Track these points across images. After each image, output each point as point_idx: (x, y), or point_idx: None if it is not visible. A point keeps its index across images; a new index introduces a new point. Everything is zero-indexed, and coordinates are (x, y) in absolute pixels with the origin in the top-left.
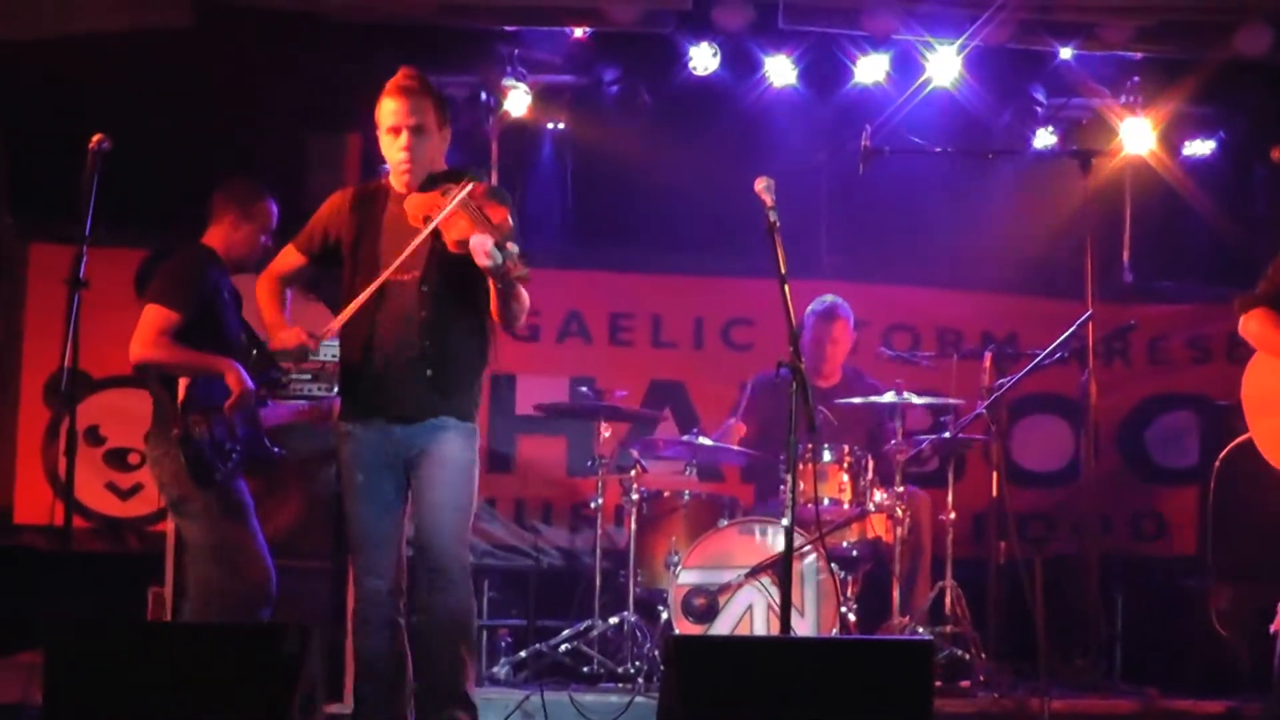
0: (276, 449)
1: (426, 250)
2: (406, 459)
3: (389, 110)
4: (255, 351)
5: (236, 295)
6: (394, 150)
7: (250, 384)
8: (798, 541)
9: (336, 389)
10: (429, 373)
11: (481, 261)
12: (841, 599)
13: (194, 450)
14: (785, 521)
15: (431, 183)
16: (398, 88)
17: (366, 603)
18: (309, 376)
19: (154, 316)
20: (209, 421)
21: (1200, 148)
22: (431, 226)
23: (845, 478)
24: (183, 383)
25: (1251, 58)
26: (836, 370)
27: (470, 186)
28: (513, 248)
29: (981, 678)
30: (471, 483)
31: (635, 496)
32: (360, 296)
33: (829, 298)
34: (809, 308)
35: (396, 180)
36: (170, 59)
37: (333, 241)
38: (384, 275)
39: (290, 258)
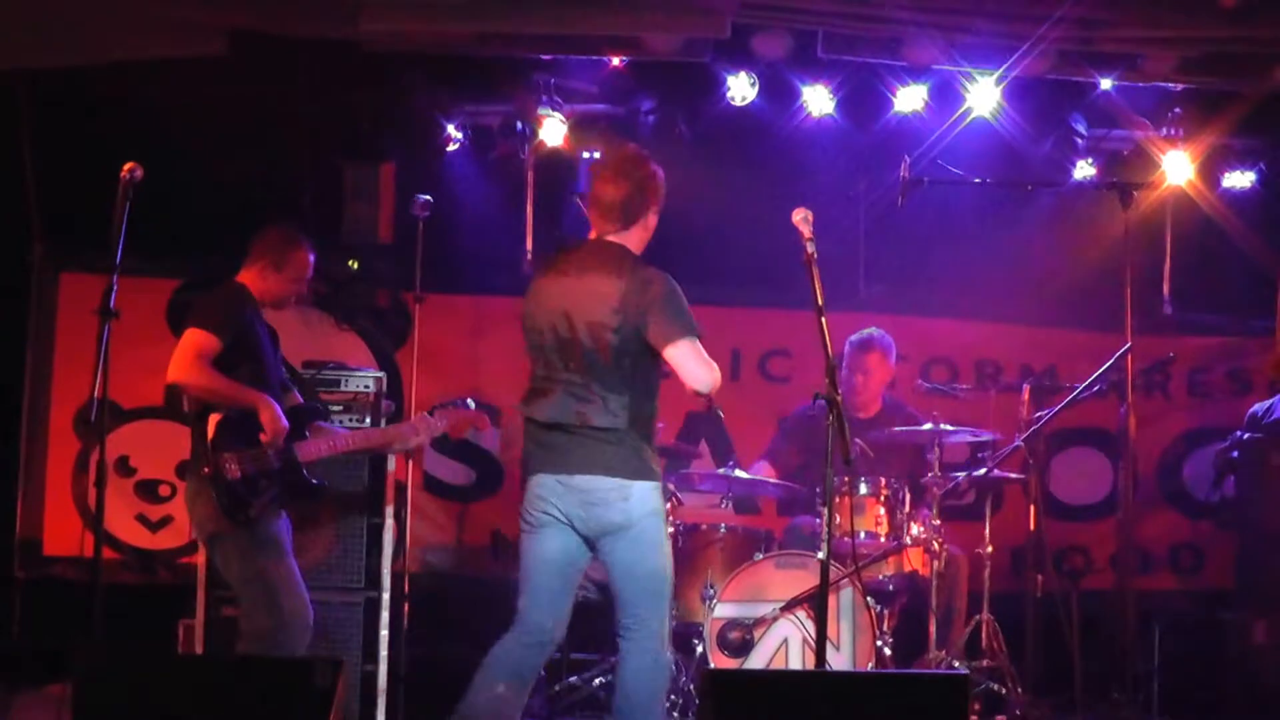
0: (316, 481)
1: None
2: None
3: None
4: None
5: (273, 333)
6: None
7: (284, 420)
8: (834, 575)
9: (368, 419)
10: None
11: None
12: (877, 632)
13: (225, 488)
14: (821, 554)
15: None
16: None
17: None
18: (340, 408)
19: (193, 339)
20: (241, 460)
21: (1240, 179)
22: None
23: (882, 511)
24: (213, 420)
25: None
26: (874, 402)
27: None
28: None
29: (1018, 712)
30: None
31: (671, 529)
32: None
33: (868, 330)
34: (849, 339)
35: None
36: (204, 89)
37: None
38: None
39: None
